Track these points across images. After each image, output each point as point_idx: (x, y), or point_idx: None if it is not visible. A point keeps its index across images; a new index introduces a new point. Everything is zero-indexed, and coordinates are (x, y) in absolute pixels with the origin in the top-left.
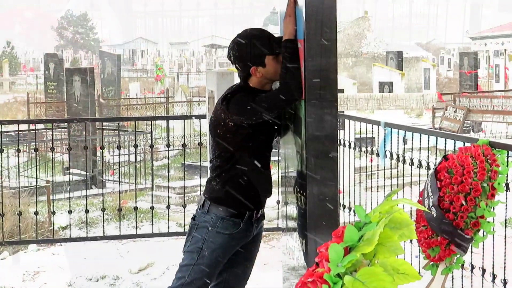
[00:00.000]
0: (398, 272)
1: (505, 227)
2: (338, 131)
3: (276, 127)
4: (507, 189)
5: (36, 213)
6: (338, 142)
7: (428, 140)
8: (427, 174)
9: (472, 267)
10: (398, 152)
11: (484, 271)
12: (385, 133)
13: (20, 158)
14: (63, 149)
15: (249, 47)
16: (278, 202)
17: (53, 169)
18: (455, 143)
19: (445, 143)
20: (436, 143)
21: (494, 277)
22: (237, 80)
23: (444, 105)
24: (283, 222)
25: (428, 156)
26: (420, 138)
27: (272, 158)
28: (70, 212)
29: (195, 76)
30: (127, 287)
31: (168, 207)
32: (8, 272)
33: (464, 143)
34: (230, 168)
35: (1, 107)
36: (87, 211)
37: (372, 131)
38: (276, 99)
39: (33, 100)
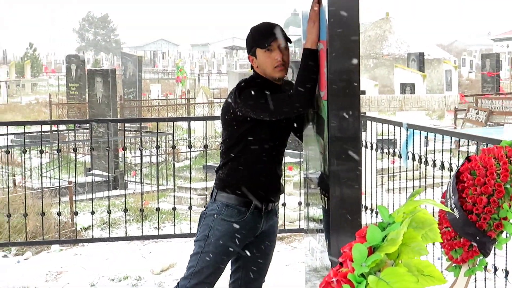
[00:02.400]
0: (423, 274)
1: None
2: (360, 132)
3: (292, 124)
4: None
5: (59, 214)
6: (360, 144)
7: (451, 142)
8: (450, 176)
9: (495, 269)
10: (420, 153)
11: (507, 273)
12: (407, 135)
13: (42, 159)
14: (85, 150)
15: (248, 38)
16: (300, 203)
17: (75, 170)
18: (477, 144)
19: (468, 145)
20: (459, 145)
21: None
22: None
23: (466, 107)
24: (305, 223)
25: (450, 157)
26: (443, 139)
27: (293, 160)
28: (92, 212)
29: (216, 77)
30: None
31: (190, 208)
32: (31, 272)
33: (487, 145)
34: (234, 157)
35: (24, 108)
36: (109, 212)
37: (394, 132)
38: (284, 105)
39: (55, 102)
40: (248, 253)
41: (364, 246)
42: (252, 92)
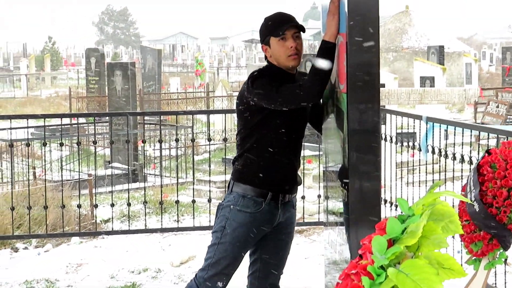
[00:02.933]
0: (443, 267)
1: None
2: (380, 125)
3: (307, 116)
4: None
5: (79, 206)
6: (380, 137)
7: (471, 135)
8: (470, 169)
9: None
10: (440, 146)
11: None
12: (427, 128)
13: (62, 151)
14: (105, 143)
15: (262, 28)
16: (319, 196)
17: (95, 163)
18: (498, 137)
19: (488, 138)
20: (479, 138)
21: None
22: None
23: (486, 100)
24: (324, 216)
25: (470, 151)
26: (463, 133)
27: (312, 153)
28: (112, 205)
29: (235, 71)
30: (168, 280)
31: (209, 200)
32: (51, 264)
33: (507, 138)
34: (250, 148)
35: (44, 101)
36: (129, 205)
37: (414, 125)
38: (295, 95)
39: (75, 95)
40: (266, 245)
41: (384, 238)
42: (264, 81)
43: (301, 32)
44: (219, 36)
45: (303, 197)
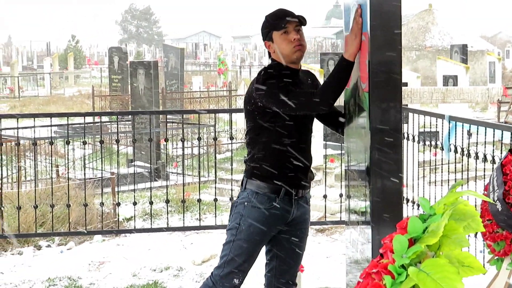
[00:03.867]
0: (463, 265)
1: None
2: (402, 124)
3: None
4: None
5: (102, 205)
6: (402, 136)
7: (494, 134)
8: (492, 168)
9: None
10: (462, 146)
11: None
12: (449, 127)
13: (85, 150)
14: (128, 142)
15: (263, 24)
16: (341, 195)
17: (118, 161)
18: None
19: (511, 137)
20: (502, 137)
21: None
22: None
23: (510, 99)
24: (346, 215)
25: (493, 150)
26: (485, 132)
27: (335, 152)
28: (134, 203)
29: (257, 69)
30: (190, 278)
31: (231, 199)
32: (74, 262)
33: None
34: (260, 147)
35: (67, 100)
36: (151, 203)
37: (436, 124)
38: (306, 103)
39: (98, 93)
40: (281, 242)
41: (405, 237)
42: (273, 85)
43: (302, 26)
44: (241, 34)
45: (325, 196)
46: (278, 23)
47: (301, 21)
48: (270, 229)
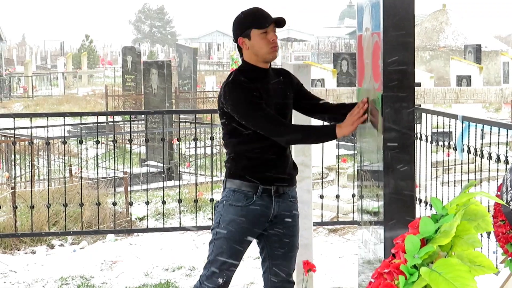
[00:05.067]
0: (475, 264)
1: None
2: (415, 124)
3: (288, 112)
4: None
5: (114, 204)
6: (415, 136)
7: (507, 135)
8: (506, 169)
9: None
10: (476, 146)
11: None
12: (462, 127)
13: (98, 149)
14: (141, 141)
15: (241, 19)
16: (353, 196)
17: (131, 160)
18: None
19: None
20: None
21: None
22: (314, 72)
23: None
24: (358, 215)
25: (506, 150)
26: (499, 132)
27: (347, 152)
28: (147, 203)
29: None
30: None
31: None
32: (86, 261)
33: None
34: (236, 147)
35: (80, 99)
36: (163, 202)
37: (450, 125)
38: (272, 129)
39: (111, 93)
40: (270, 241)
41: (417, 237)
42: (240, 96)
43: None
44: None
45: (337, 196)
46: (262, 21)
47: (281, 23)
48: (251, 226)
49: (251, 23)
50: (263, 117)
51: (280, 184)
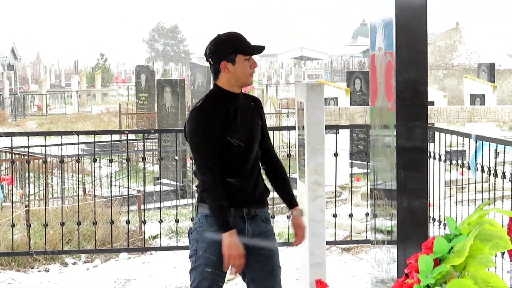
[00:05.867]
0: (488, 285)
1: None
2: (428, 143)
3: (256, 135)
4: None
5: (128, 222)
6: (428, 155)
7: None
8: None
9: None
10: (489, 165)
11: None
12: (476, 146)
13: (112, 168)
14: (154, 160)
15: (227, 43)
16: (367, 214)
17: (144, 179)
18: None
19: None
20: None
21: None
22: (327, 91)
23: None
24: (371, 234)
25: None
26: None
27: (360, 170)
28: (160, 221)
29: (284, 87)
30: None
31: None
32: (100, 280)
33: None
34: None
35: (94, 118)
36: (177, 221)
37: (463, 144)
38: (200, 165)
39: (125, 111)
40: (250, 265)
41: (430, 257)
42: (195, 129)
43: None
44: (268, 53)
45: (350, 215)
46: (248, 48)
47: (262, 51)
48: None
49: (237, 48)
50: (205, 157)
51: (251, 206)
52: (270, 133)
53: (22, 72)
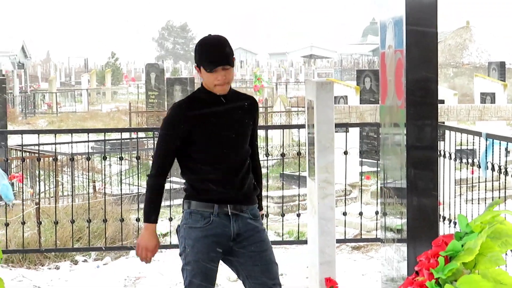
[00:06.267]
0: (498, 282)
1: None
2: (439, 142)
3: (241, 136)
4: None
5: (138, 220)
6: (439, 153)
7: None
8: None
9: None
10: (500, 164)
11: None
12: (486, 145)
13: (122, 165)
14: None
15: (196, 51)
16: (377, 213)
17: None
18: None
19: None
20: None
21: None
22: (337, 90)
23: None
24: (382, 232)
25: None
26: None
27: (370, 169)
28: (170, 219)
29: (293, 86)
30: None
31: (266, 216)
32: (110, 277)
33: None
34: (188, 169)
35: (104, 116)
36: None
37: (474, 142)
38: (153, 163)
39: (135, 109)
40: (242, 263)
41: (455, 244)
42: (164, 126)
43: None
44: (278, 51)
45: (360, 213)
46: (209, 64)
47: (230, 64)
48: (214, 245)
49: (201, 61)
50: (159, 157)
51: (236, 203)
52: (280, 131)
53: (32, 70)
